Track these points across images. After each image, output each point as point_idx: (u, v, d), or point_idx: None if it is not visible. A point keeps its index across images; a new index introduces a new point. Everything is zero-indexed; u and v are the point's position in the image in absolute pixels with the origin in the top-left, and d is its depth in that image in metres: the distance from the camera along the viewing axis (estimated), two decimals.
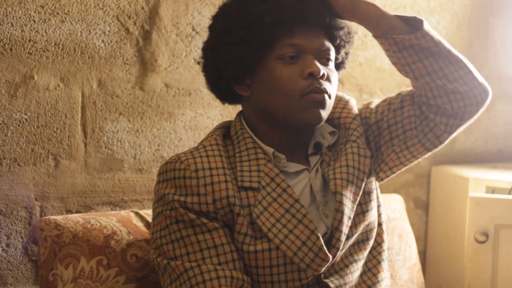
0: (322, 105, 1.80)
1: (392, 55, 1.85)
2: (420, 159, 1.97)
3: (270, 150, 1.84)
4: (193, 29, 2.46)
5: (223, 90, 1.89)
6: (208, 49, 1.87)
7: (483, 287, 2.60)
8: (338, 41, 1.85)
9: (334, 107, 1.96)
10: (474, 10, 3.01)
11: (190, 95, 2.47)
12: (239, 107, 1.94)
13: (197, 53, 2.46)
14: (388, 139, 1.93)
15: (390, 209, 2.41)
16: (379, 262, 1.90)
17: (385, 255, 1.93)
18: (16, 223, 2.24)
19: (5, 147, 2.20)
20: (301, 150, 1.88)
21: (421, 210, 2.94)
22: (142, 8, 2.37)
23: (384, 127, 1.93)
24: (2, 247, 2.23)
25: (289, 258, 1.76)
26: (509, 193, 2.64)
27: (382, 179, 1.97)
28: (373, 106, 1.99)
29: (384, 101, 1.97)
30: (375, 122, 1.95)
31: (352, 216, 1.82)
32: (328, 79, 1.81)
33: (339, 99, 1.98)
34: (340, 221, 1.80)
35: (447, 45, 1.85)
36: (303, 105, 1.79)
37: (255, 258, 1.76)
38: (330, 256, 1.77)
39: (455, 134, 1.93)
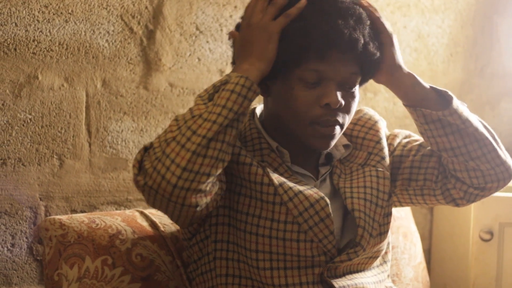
0: (331, 136, 1.78)
1: (419, 125, 1.86)
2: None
3: (274, 143, 1.83)
4: (197, 29, 2.46)
5: None
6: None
7: (488, 285, 2.60)
8: (369, 66, 1.79)
9: (361, 125, 1.93)
10: (478, 9, 3.01)
11: (194, 95, 2.47)
12: None
13: (201, 52, 2.47)
14: (407, 178, 1.92)
15: (395, 208, 2.41)
16: (380, 281, 1.90)
17: (386, 274, 1.93)
18: (21, 223, 2.24)
19: (10, 147, 2.21)
20: (311, 159, 1.87)
21: (426, 208, 2.93)
22: (146, 7, 2.37)
23: (406, 165, 1.92)
24: (7, 247, 2.23)
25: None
26: None
27: None
28: (401, 137, 1.98)
29: (416, 140, 1.96)
30: (399, 155, 1.94)
31: (374, 234, 1.82)
32: (346, 108, 1.78)
33: (368, 118, 1.95)
34: (362, 237, 1.79)
35: (475, 123, 1.85)
36: (310, 133, 1.77)
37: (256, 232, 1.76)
38: (333, 225, 1.77)
39: (474, 202, 1.93)
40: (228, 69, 2.47)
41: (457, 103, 1.83)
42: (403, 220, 2.39)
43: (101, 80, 2.32)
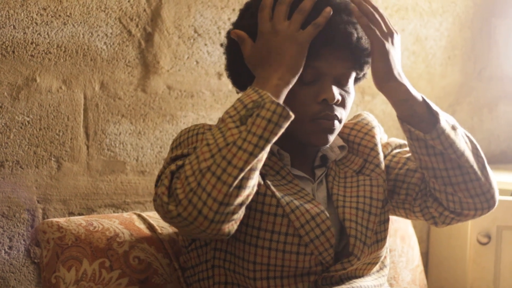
0: (331, 130, 1.78)
1: (406, 138, 1.83)
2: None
3: (274, 147, 1.82)
4: (195, 31, 2.46)
5: (242, 80, 1.84)
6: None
7: None
8: (362, 61, 1.78)
9: (358, 130, 1.93)
10: (476, 11, 3.01)
11: (192, 97, 2.47)
12: None
13: (199, 55, 2.47)
14: (390, 190, 1.92)
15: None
16: (380, 285, 1.90)
17: (385, 279, 1.93)
18: (19, 225, 2.24)
19: (8, 150, 2.21)
20: (307, 161, 1.87)
21: None
22: (144, 10, 2.37)
23: (391, 177, 1.92)
24: (4, 250, 2.23)
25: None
26: (511, 195, 2.63)
27: None
28: (393, 146, 1.97)
29: (407, 152, 1.94)
30: (387, 165, 1.93)
31: (369, 243, 1.81)
32: (342, 103, 1.78)
33: (366, 123, 1.94)
34: (355, 246, 1.79)
35: (461, 148, 1.79)
36: (311, 129, 1.77)
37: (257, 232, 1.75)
38: (334, 238, 1.76)
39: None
40: None
41: (443, 128, 1.77)
42: (400, 223, 2.39)
43: (99, 82, 2.32)
